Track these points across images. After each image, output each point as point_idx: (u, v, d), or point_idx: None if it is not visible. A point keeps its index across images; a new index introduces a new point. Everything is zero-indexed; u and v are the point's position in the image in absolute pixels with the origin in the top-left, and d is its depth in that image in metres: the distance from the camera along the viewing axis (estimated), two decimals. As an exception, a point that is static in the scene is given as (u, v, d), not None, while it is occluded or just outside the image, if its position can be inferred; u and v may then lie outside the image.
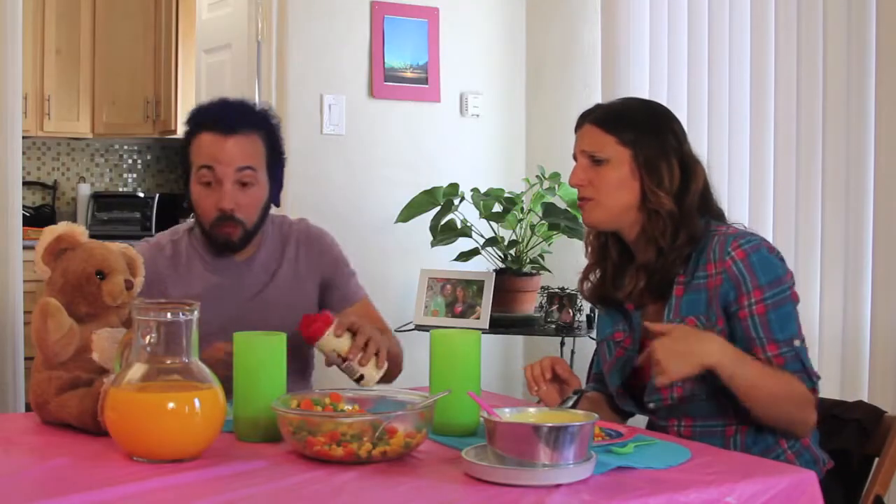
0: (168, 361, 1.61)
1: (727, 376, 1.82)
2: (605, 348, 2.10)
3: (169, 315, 1.60)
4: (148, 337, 1.59)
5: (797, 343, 1.90)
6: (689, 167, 2.00)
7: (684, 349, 1.80)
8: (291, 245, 2.40)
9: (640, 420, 2.17)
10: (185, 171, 2.33)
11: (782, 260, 1.96)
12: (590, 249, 2.14)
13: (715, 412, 1.94)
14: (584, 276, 2.16)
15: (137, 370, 1.59)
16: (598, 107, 2.08)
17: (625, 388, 2.06)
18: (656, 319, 1.99)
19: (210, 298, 2.20)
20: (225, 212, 2.24)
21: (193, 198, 2.30)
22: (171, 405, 1.57)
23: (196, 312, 1.63)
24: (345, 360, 2.04)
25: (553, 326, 3.55)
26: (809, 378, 1.90)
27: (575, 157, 2.05)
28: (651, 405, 1.99)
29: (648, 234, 1.99)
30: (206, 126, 2.28)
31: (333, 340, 2.04)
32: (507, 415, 1.58)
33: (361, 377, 2.05)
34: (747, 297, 1.90)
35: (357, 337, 2.05)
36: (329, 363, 2.08)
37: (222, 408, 1.63)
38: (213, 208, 2.25)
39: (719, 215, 2.05)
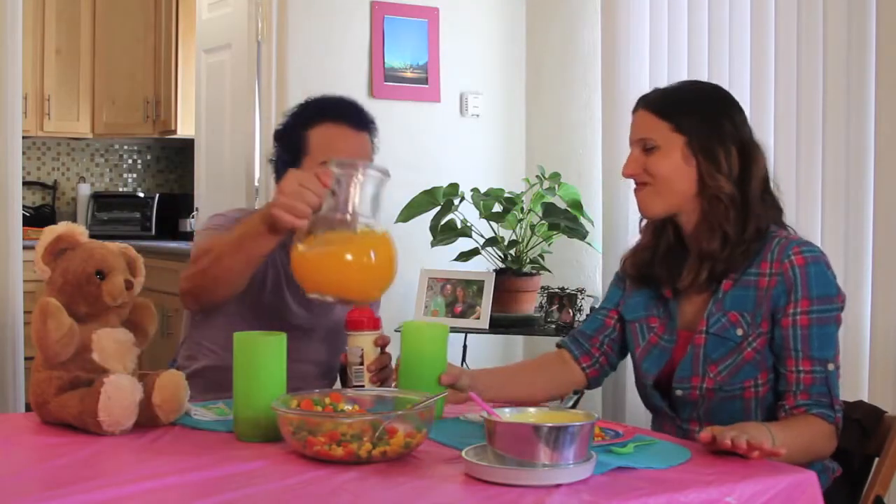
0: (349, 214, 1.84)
1: None
2: (638, 331, 2.06)
3: (361, 172, 1.83)
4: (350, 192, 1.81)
5: (831, 367, 1.86)
6: (749, 153, 1.95)
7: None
8: None
9: (640, 420, 2.17)
10: (292, 156, 2.28)
11: (836, 280, 1.92)
12: (645, 227, 2.08)
13: (739, 416, 1.90)
14: (633, 253, 2.10)
15: (325, 221, 1.83)
16: (654, 91, 2.03)
17: (657, 380, 2.02)
18: (696, 311, 1.97)
19: (283, 275, 2.29)
20: None
21: None
22: (351, 253, 1.83)
23: (387, 176, 1.87)
24: (361, 363, 2.07)
25: (553, 326, 3.55)
26: (832, 407, 1.85)
27: (630, 143, 2.01)
28: (679, 392, 1.96)
29: (711, 220, 1.93)
30: (332, 117, 2.29)
31: (369, 342, 2.08)
32: (507, 415, 1.57)
33: (359, 388, 2.07)
34: (794, 306, 1.86)
35: (383, 357, 2.12)
36: (346, 357, 2.11)
37: (393, 257, 1.91)
38: None
39: (779, 212, 2.00)
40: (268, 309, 2.28)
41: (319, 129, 2.28)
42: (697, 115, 1.95)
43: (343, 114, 2.30)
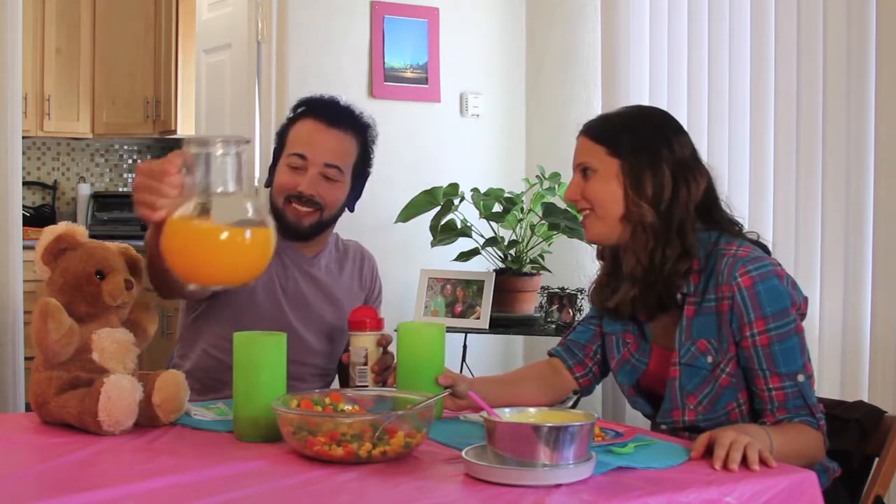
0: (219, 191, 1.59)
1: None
2: (614, 343, 2.08)
3: (220, 147, 1.59)
4: (198, 171, 1.59)
5: (801, 378, 1.85)
6: (685, 177, 1.94)
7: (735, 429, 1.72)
8: (350, 261, 2.47)
9: (640, 420, 2.17)
10: (276, 151, 2.37)
11: (795, 286, 1.90)
12: (602, 254, 2.09)
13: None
14: (597, 287, 2.10)
15: (190, 204, 1.59)
16: (596, 117, 2.05)
17: (636, 390, 2.05)
18: (667, 335, 1.97)
19: (275, 277, 2.30)
20: (303, 194, 2.27)
21: (276, 177, 2.33)
22: (225, 233, 1.58)
23: (245, 146, 1.63)
24: (365, 363, 2.08)
25: (553, 326, 3.55)
26: (812, 414, 1.85)
27: (573, 169, 2.02)
28: (664, 427, 1.97)
29: (633, 246, 1.94)
30: (311, 112, 2.33)
31: (373, 343, 2.09)
32: (507, 415, 1.58)
33: (360, 387, 2.07)
34: (750, 328, 1.86)
35: (385, 357, 2.13)
36: (349, 357, 2.12)
37: (271, 237, 1.64)
38: (293, 187, 2.28)
39: (731, 226, 1.99)
40: (261, 309, 2.29)
41: (298, 124, 2.33)
42: (632, 139, 1.95)
43: (320, 110, 2.33)
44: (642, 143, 1.94)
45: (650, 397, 2.04)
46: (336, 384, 2.45)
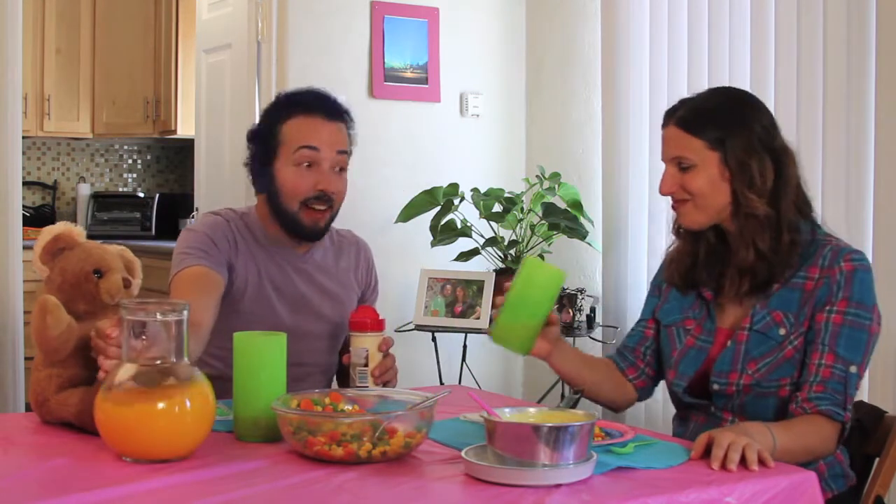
0: (158, 361, 1.59)
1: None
2: (675, 334, 2.06)
3: (158, 315, 1.59)
4: (139, 337, 1.58)
5: (853, 369, 1.86)
6: (783, 162, 1.94)
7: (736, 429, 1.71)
8: (346, 253, 2.43)
9: (640, 420, 2.17)
10: (265, 153, 2.27)
11: (875, 295, 1.91)
12: (682, 231, 2.06)
13: (771, 412, 1.91)
14: (674, 260, 2.08)
15: (127, 370, 1.58)
16: (682, 104, 2.01)
17: (690, 391, 2.02)
18: (738, 312, 1.97)
19: (270, 280, 2.27)
20: (325, 192, 2.24)
21: (283, 179, 2.25)
22: (160, 406, 1.56)
23: (186, 312, 1.61)
24: (366, 364, 2.08)
25: (553, 326, 3.55)
26: (843, 407, 1.85)
27: (664, 160, 2.00)
28: (716, 387, 1.95)
29: (745, 237, 1.94)
30: (304, 109, 2.27)
31: (374, 344, 2.08)
32: (507, 415, 1.57)
33: (361, 387, 2.07)
34: (832, 304, 1.87)
35: (387, 360, 2.12)
36: (349, 358, 2.11)
37: (212, 407, 1.62)
38: (311, 188, 2.24)
39: (808, 209, 1.99)
40: (254, 315, 2.25)
41: (292, 122, 2.26)
42: (730, 129, 1.93)
43: (314, 104, 2.28)
44: (740, 132, 1.93)
45: (697, 391, 2.01)
46: (335, 384, 2.45)
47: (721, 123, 1.93)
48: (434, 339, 3.65)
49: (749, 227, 1.93)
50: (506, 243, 3.68)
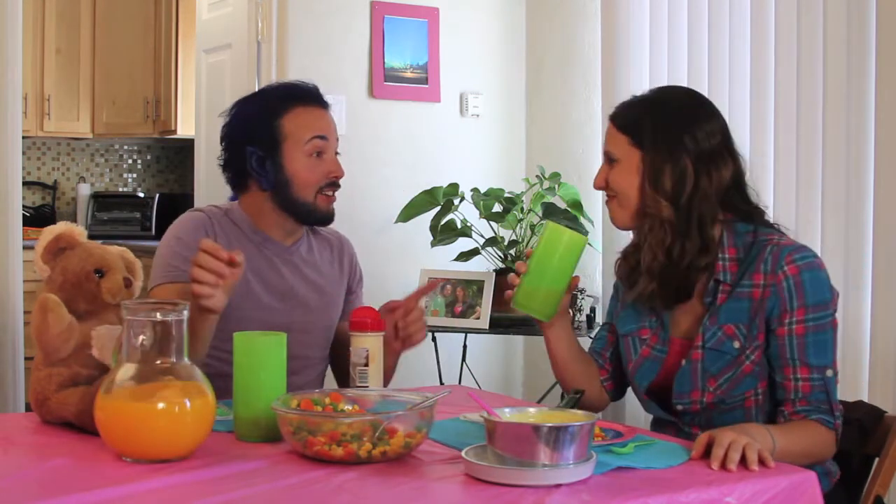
0: (158, 361, 1.60)
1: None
2: (630, 344, 2.05)
3: (159, 315, 1.60)
4: (139, 337, 1.59)
5: (829, 373, 1.85)
6: (707, 169, 1.90)
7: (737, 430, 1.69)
8: (327, 247, 2.44)
9: (640, 420, 2.17)
10: (266, 149, 2.26)
11: (828, 280, 1.89)
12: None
13: (740, 423, 1.85)
14: (624, 255, 2.09)
15: (127, 370, 1.59)
16: (622, 103, 2.01)
17: (649, 393, 2.03)
18: (690, 321, 1.96)
19: (257, 274, 2.27)
20: (337, 178, 2.30)
21: (295, 170, 2.26)
22: (160, 406, 1.56)
23: (185, 312, 1.62)
24: (366, 364, 2.07)
25: (553, 326, 3.55)
26: (831, 412, 1.85)
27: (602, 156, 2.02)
28: (679, 407, 1.95)
29: (648, 241, 1.92)
30: (301, 101, 2.30)
31: (374, 343, 2.08)
32: (507, 415, 1.57)
33: (361, 387, 2.07)
34: (790, 315, 1.85)
35: (416, 311, 2.19)
36: (350, 357, 2.10)
37: (212, 407, 1.62)
38: (324, 176, 2.28)
39: (759, 215, 1.97)
40: (241, 308, 2.21)
41: (292, 114, 2.27)
42: (654, 129, 1.91)
43: (309, 96, 2.32)
44: (664, 133, 1.91)
45: (662, 402, 2.01)
46: (334, 384, 2.45)
47: (645, 122, 1.92)
48: (434, 339, 3.65)
49: (654, 232, 1.91)
50: (506, 243, 3.68)
